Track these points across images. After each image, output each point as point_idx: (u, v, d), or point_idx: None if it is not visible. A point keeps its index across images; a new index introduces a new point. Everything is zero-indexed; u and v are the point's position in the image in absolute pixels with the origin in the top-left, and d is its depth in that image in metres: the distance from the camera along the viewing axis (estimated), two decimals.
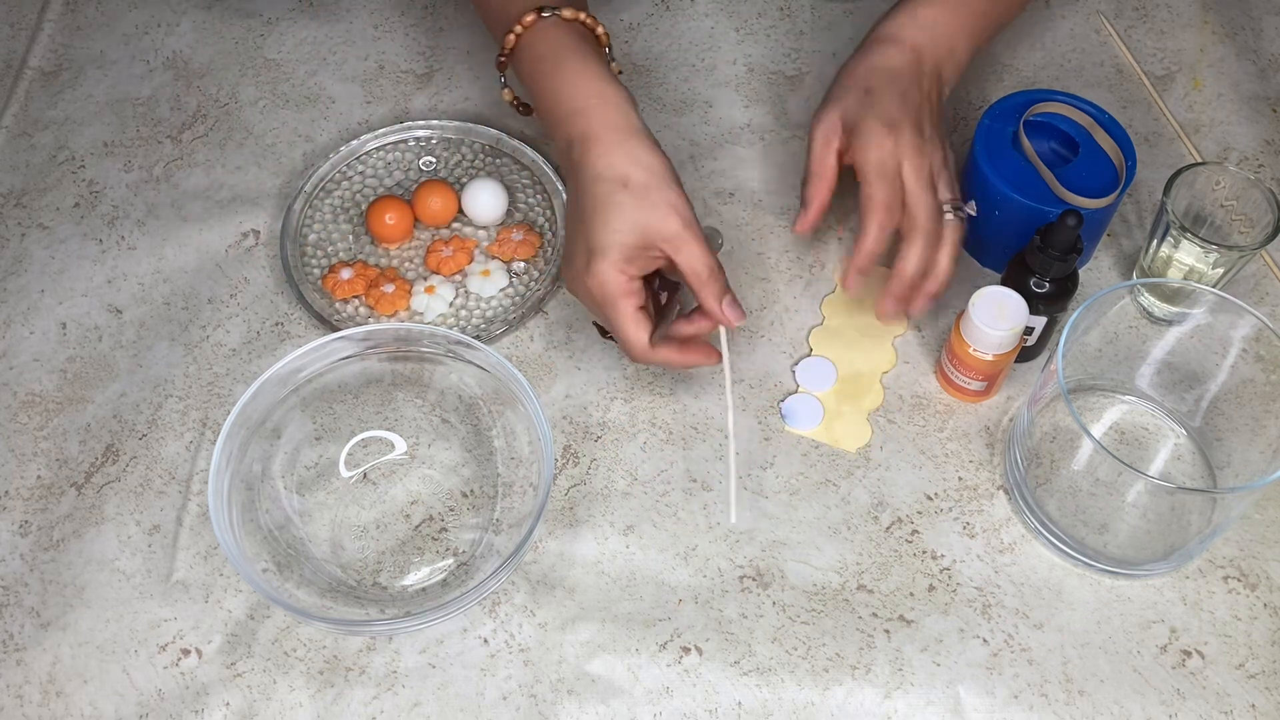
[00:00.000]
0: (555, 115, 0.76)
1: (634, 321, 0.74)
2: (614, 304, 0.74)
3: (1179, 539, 0.75)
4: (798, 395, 0.84)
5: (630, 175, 0.73)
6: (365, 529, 0.79)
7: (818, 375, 0.85)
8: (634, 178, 0.73)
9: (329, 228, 0.92)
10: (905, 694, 0.73)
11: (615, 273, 0.73)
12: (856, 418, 0.84)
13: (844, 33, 1.04)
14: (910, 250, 0.78)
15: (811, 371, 0.86)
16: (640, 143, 0.74)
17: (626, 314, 0.74)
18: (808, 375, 0.85)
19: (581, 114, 0.75)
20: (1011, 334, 0.78)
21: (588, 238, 0.73)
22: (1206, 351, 0.80)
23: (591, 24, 0.80)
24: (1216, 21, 1.04)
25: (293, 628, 0.75)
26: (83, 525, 0.79)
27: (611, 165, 0.73)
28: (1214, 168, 0.83)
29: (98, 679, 0.74)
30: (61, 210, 0.94)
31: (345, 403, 0.82)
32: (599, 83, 0.75)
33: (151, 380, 0.85)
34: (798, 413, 0.84)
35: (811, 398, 0.84)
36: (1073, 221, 0.75)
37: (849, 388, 0.85)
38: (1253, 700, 0.73)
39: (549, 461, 0.74)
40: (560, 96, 0.76)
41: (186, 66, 1.02)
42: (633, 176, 0.73)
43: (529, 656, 0.74)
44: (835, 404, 0.84)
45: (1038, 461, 0.79)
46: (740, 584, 0.77)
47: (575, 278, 0.75)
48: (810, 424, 0.83)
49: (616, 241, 0.72)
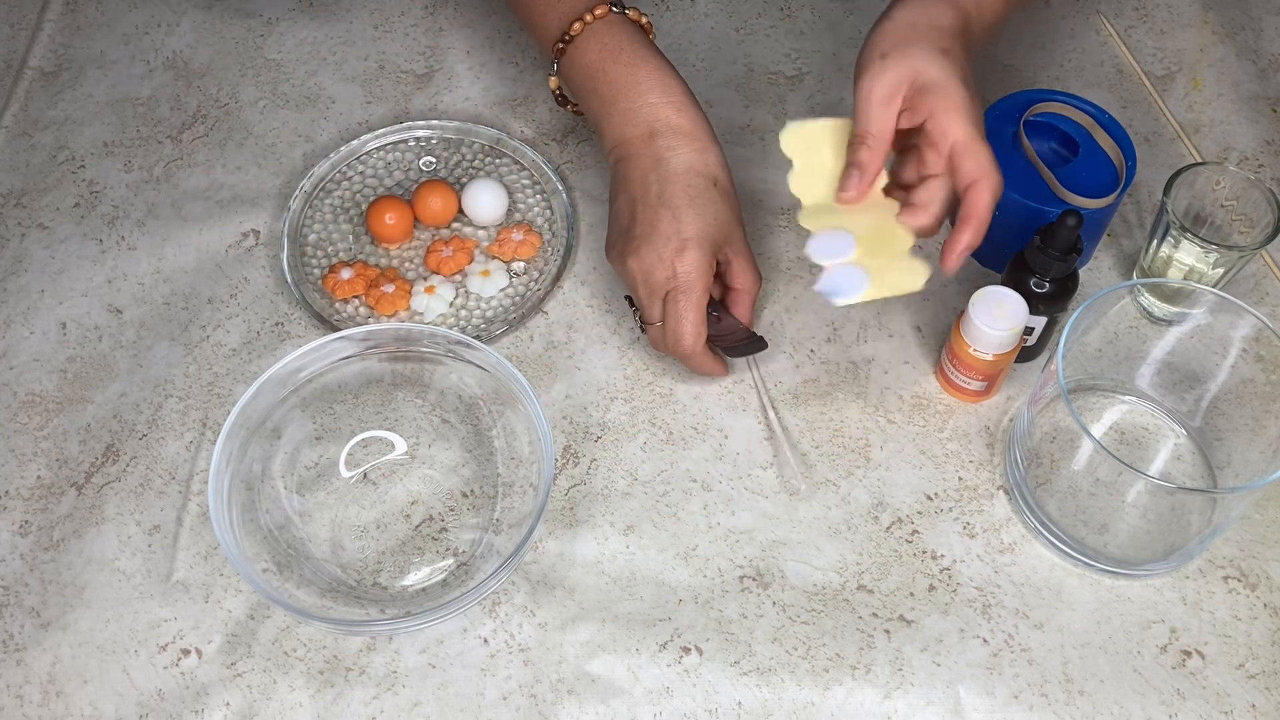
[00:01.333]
0: (635, 102, 0.79)
1: (702, 311, 0.77)
2: (693, 291, 0.76)
3: (1179, 539, 0.75)
4: (828, 273, 0.74)
5: (719, 177, 0.79)
6: (365, 529, 0.79)
7: (834, 246, 0.75)
8: (722, 180, 0.79)
9: (329, 228, 0.92)
10: (905, 694, 0.73)
11: (707, 261, 0.77)
12: (900, 260, 0.74)
13: (844, 32, 1.04)
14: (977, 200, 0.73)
15: (826, 245, 0.75)
16: (720, 150, 0.80)
17: (701, 303, 0.77)
18: (824, 250, 0.75)
19: (671, 106, 0.79)
20: (1011, 334, 0.78)
21: (678, 224, 0.76)
22: (1206, 351, 0.80)
23: (649, 27, 0.84)
24: (1216, 21, 1.04)
25: (293, 628, 0.75)
26: (83, 525, 0.79)
27: (706, 163, 0.79)
28: (1214, 168, 0.83)
29: (98, 679, 0.74)
30: (61, 210, 0.94)
31: (345, 403, 0.82)
32: (679, 81, 0.81)
33: (151, 380, 0.85)
34: (840, 284, 0.74)
35: (842, 267, 0.74)
36: (1073, 221, 0.75)
37: (872, 243, 0.75)
38: (1253, 700, 0.73)
39: (549, 461, 0.74)
40: (643, 86, 0.79)
41: (186, 66, 1.02)
42: (720, 178, 0.79)
43: (529, 656, 0.74)
44: (871, 260, 0.74)
45: (1038, 461, 0.79)
46: (740, 584, 0.77)
47: (655, 259, 0.77)
48: (859, 288, 0.73)
49: (710, 234, 0.77)
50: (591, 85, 0.81)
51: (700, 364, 0.80)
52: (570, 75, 0.82)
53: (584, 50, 0.81)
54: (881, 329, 0.87)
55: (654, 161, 0.78)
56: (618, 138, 0.80)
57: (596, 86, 0.80)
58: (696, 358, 0.79)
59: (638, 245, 0.78)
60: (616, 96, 0.80)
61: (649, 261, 0.77)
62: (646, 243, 0.77)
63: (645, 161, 0.79)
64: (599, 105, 0.81)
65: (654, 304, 0.78)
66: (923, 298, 0.88)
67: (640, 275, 0.78)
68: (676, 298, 0.77)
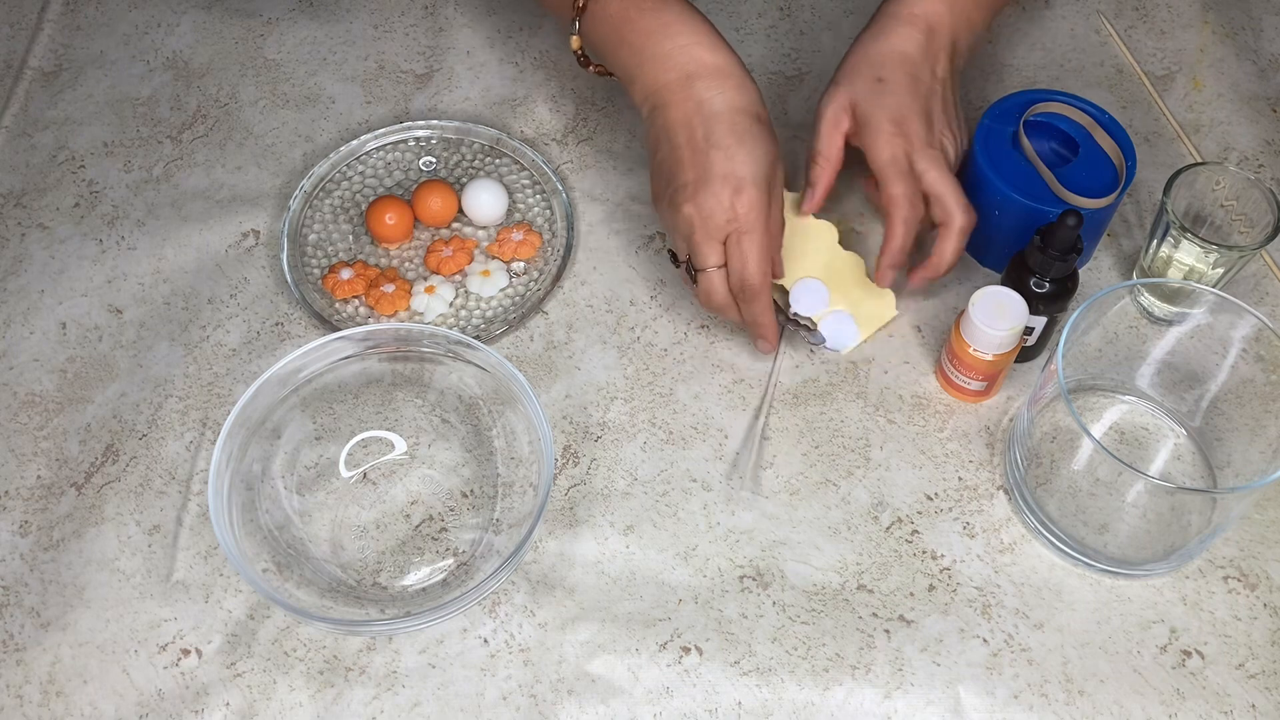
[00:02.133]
0: (665, 46, 0.78)
1: (767, 251, 0.76)
2: (756, 229, 0.76)
3: (1179, 539, 0.75)
4: (822, 326, 0.85)
5: (761, 113, 0.79)
6: (365, 529, 0.79)
7: (811, 295, 0.86)
8: (763, 116, 0.79)
9: (329, 228, 0.92)
10: (905, 694, 0.73)
11: (765, 199, 0.76)
12: (865, 292, 0.85)
13: (844, 33, 1.03)
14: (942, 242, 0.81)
15: (804, 296, 0.86)
16: (756, 85, 0.79)
17: (764, 243, 0.76)
18: (805, 301, 0.86)
19: (703, 46, 0.78)
20: (1011, 334, 0.78)
21: (733, 164, 0.76)
22: (1206, 351, 0.80)
23: None
24: (1216, 21, 1.04)
25: (293, 628, 0.75)
26: (83, 525, 0.79)
27: (748, 100, 0.78)
28: (1214, 168, 0.83)
29: (98, 679, 0.74)
30: (61, 210, 0.94)
31: (345, 403, 0.82)
32: (706, 22, 0.80)
33: (151, 380, 0.85)
34: (836, 334, 0.85)
35: (830, 315, 0.85)
36: (1073, 221, 0.75)
37: (835, 278, 0.86)
38: (1253, 700, 0.73)
39: (549, 461, 0.74)
40: (673, 29, 0.78)
41: (186, 66, 1.02)
42: (762, 114, 0.79)
43: (529, 656, 0.74)
44: (845, 299, 0.86)
45: (1038, 461, 0.79)
46: (740, 584, 0.77)
47: (714, 202, 0.76)
48: (852, 334, 0.85)
49: (763, 171, 0.77)
50: (618, 36, 0.80)
51: (762, 310, 0.78)
52: (594, 31, 0.81)
53: (606, 3, 0.80)
54: (881, 329, 0.87)
55: (696, 105, 0.77)
56: (652, 85, 0.79)
57: (624, 36, 0.79)
58: (761, 301, 0.78)
59: (693, 190, 0.76)
60: (645, 43, 0.78)
61: (708, 205, 0.76)
62: (703, 186, 0.76)
63: (687, 106, 0.77)
64: (628, 56, 0.79)
65: (712, 248, 0.77)
66: (923, 297, 0.88)
67: (699, 220, 0.76)
68: (740, 239, 0.76)
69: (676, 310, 0.88)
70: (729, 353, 0.86)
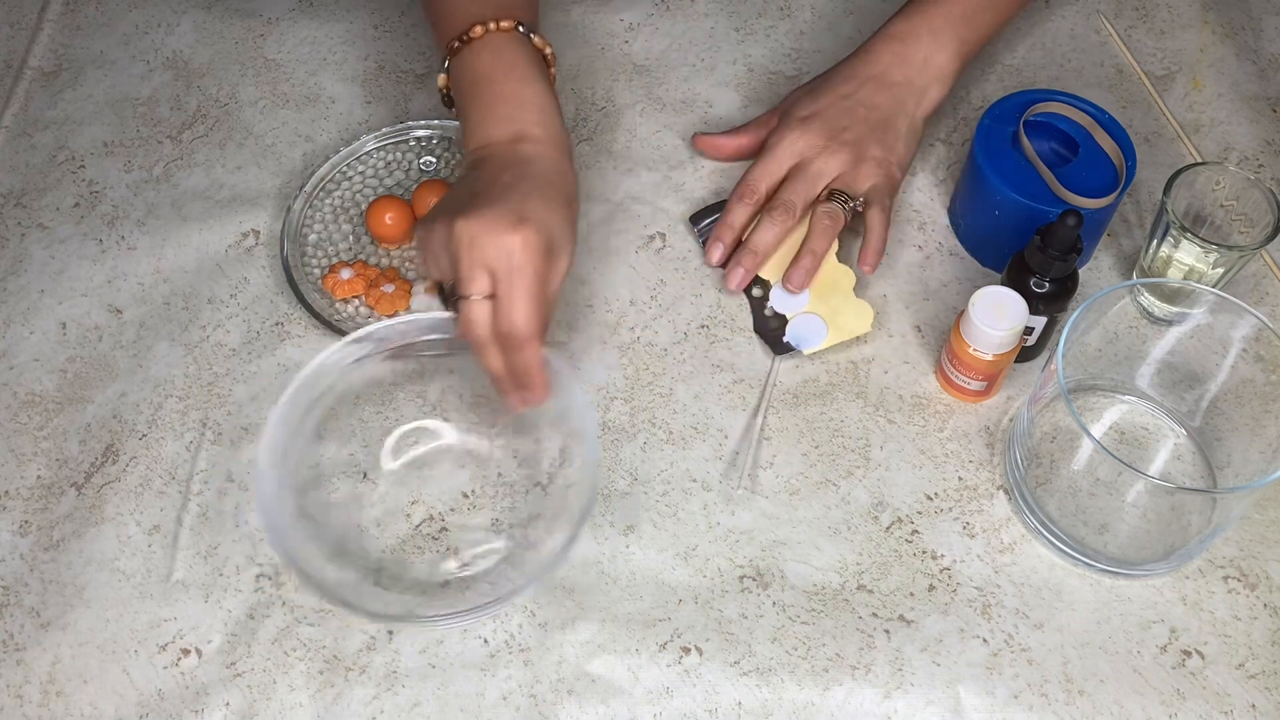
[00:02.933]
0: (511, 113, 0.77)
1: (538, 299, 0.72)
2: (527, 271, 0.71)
3: (1179, 539, 0.75)
4: (791, 322, 0.86)
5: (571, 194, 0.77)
6: (408, 512, 0.79)
7: (790, 296, 0.87)
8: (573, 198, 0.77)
9: (329, 228, 0.92)
10: (905, 694, 0.73)
11: (544, 249, 0.72)
12: (847, 303, 0.86)
13: (844, 32, 1.04)
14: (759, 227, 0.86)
15: (784, 296, 0.87)
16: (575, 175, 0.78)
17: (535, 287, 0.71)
18: (783, 301, 0.87)
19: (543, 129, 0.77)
20: (1011, 334, 0.78)
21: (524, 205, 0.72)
22: (1206, 351, 0.80)
23: (551, 59, 0.82)
24: (1216, 21, 1.04)
25: (292, 628, 0.75)
26: (83, 525, 0.79)
27: (565, 178, 0.77)
28: (1214, 168, 0.83)
29: (98, 679, 0.74)
30: (61, 210, 0.94)
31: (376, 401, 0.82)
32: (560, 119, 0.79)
33: (151, 380, 0.85)
34: (803, 334, 0.86)
35: (803, 316, 0.86)
36: (1073, 221, 0.75)
37: (821, 286, 0.87)
38: (1253, 700, 0.73)
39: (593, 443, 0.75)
40: (526, 105, 0.77)
41: (186, 66, 1.02)
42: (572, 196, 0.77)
43: (529, 656, 0.74)
44: (824, 306, 0.86)
45: (1038, 461, 0.79)
46: (740, 584, 0.77)
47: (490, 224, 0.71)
48: (820, 337, 0.85)
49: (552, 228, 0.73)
50: (475, 90, 0.79)
51: (531, 360, 0.72)
52: (458, 76, 0.80)
53: (478, 54, 0.79)
54: (881, 329, 0.87)
55: (515, 159, 0.75)
56: (484, 140, 0.77)
57: (479, 93, 0.78)
58: (529, 350, 0.72)
59: (474, 209, 0.71)
60: (496, 104, 0.77)
61: (484, 226, 0.70)
62: (486, 209, 0.71)
63: (507, 157, 0.76)
64: (474, 110, 0.78)
65: (478, 274, 0.71)
66: (923, 298, 0.89)
67: (468, 238, 0.71)
68: (511, 274, 0.70)
69: (676, 310, 0.88)
70: (729, 353, 0.86)
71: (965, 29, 0.89)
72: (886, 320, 0.88)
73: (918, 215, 0.93)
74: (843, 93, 0.88)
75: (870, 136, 0.87)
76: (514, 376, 0.74)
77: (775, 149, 0.87)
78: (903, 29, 0.90)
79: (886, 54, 0.89)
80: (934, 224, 0.93)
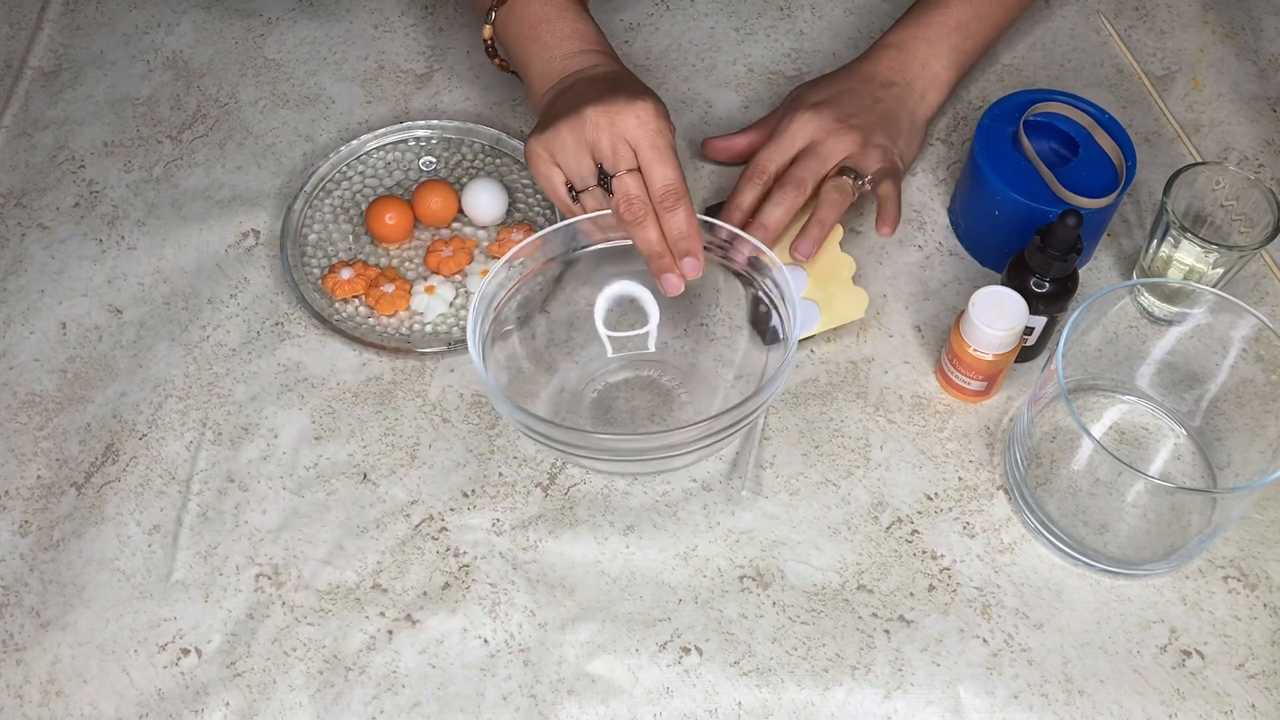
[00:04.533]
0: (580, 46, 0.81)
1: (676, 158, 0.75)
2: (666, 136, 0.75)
3: (1179, 539, 0.75)
4: None
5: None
6: None
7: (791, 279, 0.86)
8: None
9: (329, 228, 0.92)
10: (905, 694, 0.73)
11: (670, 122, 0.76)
12: (844, 290, 0.85)
13: (844, 32, 1.04)
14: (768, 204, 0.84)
15: None
16: None
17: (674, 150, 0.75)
18: None
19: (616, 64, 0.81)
20: (1011, 334, 0.78)
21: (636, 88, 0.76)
22: (1206, 351, 0.80)
23: None
24: (1216, 21, 1.04)
25: (293, 627, 0.75)
26: (83, 525, 0.79)
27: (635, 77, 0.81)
28: (1214, 168, 0.83)
29: (98, 679, 0.74)
30: (61, 210, 0.94)
31: None
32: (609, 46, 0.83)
33: (151, 380, 0.85)
34: None
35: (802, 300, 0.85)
36: (1073, 221, 0.75)
37: (820, 274, 0.86)
38: (1253, 700, 0.73)
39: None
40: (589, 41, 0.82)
41: (186, 66, 1.02)
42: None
43: (529, 656, 0.74)
44: (820, 292, 0.85)
45: (1038, 461, 0.79)
46: (740, 584, 0.77)
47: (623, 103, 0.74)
48: (812, 321, 0.84)
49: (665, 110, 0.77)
50: (534, 33, 0.81)
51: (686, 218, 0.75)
52: (509, 24, 0.83)
53: (528, 3, 0.82)
54: (881, 329, 0.87)
55: (600, 75, 0.79)
56: (561, 72, 0.80)
57: (539, 34, 0.81)
58: (684, 207, 0.75)
59: (600, 100, 0.74)
60: (561, 42, 0.81)
61: (617, 108, 0.74)
62: (610, 96, 0.74)
63: (594, 77, 0.79)
64: (538, 50, 0.81)
65: (624, 151, 0.74)
66: (923, 298, 0.89)
67: (607, 121, 0.74)
68: (656, 141, 0.74)
69: (676, 309, 0.88)
70: (729, 350, 0.86)
71: (960, 38, 0.91)
72: (886, 320, 0.88)
73: (918, 215, 0.93)
74: (848, 87, 0.89)
75: (877, 125, 0.87)
76: (674, 244, 0.76)
77: (786, 131, 0.87)
78: (899, 38, 0.91)
79: (885, 60, 0.91)
80: (934, 224, 0.93)
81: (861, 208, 0.93)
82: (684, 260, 0.76)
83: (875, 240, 0.91)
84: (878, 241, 0.91)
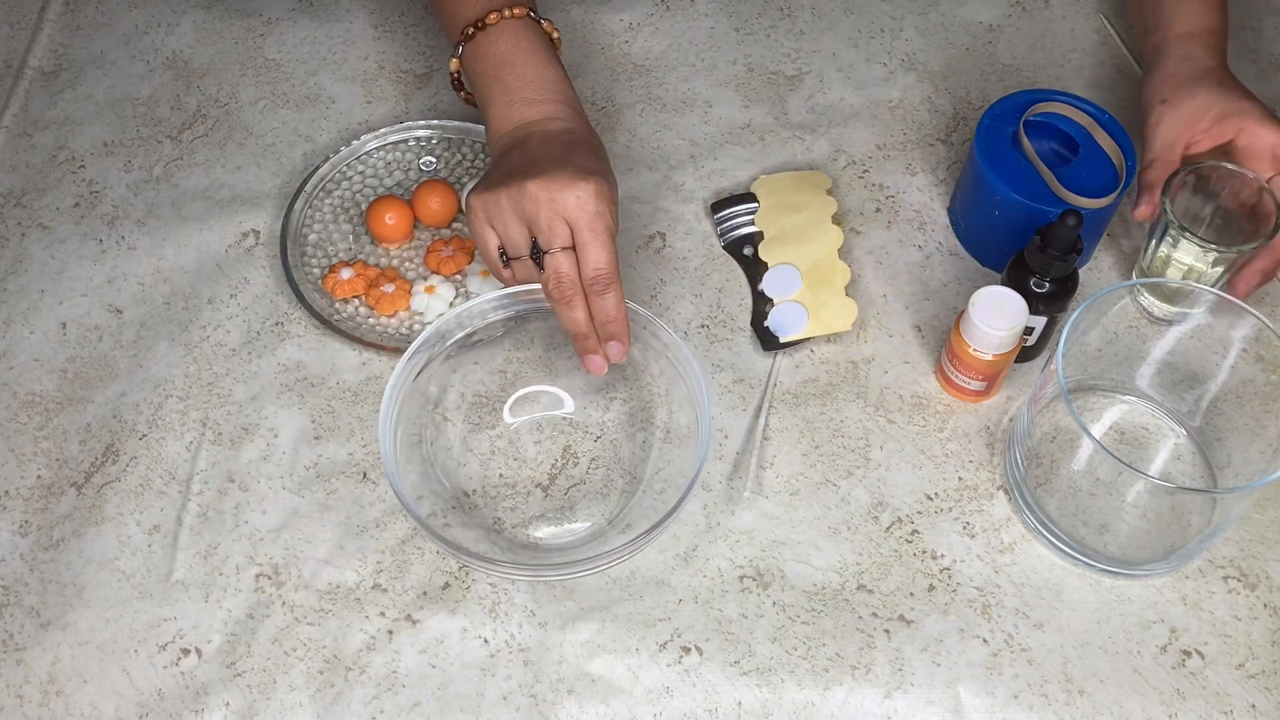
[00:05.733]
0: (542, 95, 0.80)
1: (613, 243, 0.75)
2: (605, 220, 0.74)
3: (1179, 539, 0.75)
4: (776, 308, 0.86)
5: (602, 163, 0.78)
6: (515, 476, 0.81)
7: (783, 282, 0.87)
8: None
9: (329, 228, 0.92)
10: (905, 694, 0.73)
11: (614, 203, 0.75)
12: (835, 299, 0.86)
13: (844, 32, 1.04)
14: None
15: (778, 280, 0.87)
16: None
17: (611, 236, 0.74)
18: (774, 285, 0.87)
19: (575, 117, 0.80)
20: (1011, 334, 0.78)
21: (588, 162, 0.75)
22: (1206, 351, 0.80)
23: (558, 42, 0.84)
24: None
25: (293, 627, 0.75)
26: (83, 525, 0.79)
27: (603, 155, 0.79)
28: (1214, 167, 0.83)
29: (98, 679, 0.74)
30: (61, 210, 0.94)
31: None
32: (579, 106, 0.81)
33: (151, 380, 0.85)
34: (784, 322, 0.85)
35: (788, 303, 0.86)
36: (1073, 221, 0.75)
37: (815, 278, 0.87)
38: (1253, 700, 0.73)
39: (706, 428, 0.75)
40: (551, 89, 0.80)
41: (186, 66, 1.02)
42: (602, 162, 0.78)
43: (529, 656, 0.74)
44: (812, 298, 0.86)
45: (1038, 461, 0.79)
46: (740, 584, 0.77)
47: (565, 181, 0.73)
48: (799, 326, 0.85)
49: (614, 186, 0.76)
50: (496, 74, 0.80)
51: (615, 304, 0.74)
52: (474, 61, 0.82)
53: (495, 40, 0.81)
54: (881, 329, 0.87)
55: (554, 134, 0.78)
56: (518, 120, 0.79)
57: (501, 75, 0.80)
58: (614, 293, 0.74)
59: (542, 172, 0.73)
60: (523, 88, 0.80)
61: (559, 185, 0.73)
62: (554, 169, 0.73)
63: (546, 134, 0.78)
64: (498, 93, 0.80)
65: (560, 228, 0.74)
66: (923, 298, 0.89)
67: (547, 197, 0.73)
68: (594, 223, 0.73)
69: (676, 310, 0.88)
70: (729, 352, 0.86)
71: None
72: (886, 320, 0.88)
73: (918, 215, 0.93)
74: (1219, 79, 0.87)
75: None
76: (601, 327, 0.75)
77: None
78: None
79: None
80: (934, 224, 0.93)
81: (861, 206, 0.93)
82: (609, 344, 0.75)
83: (875, 240, 0.91)
84: (878, 242, 0.91)
